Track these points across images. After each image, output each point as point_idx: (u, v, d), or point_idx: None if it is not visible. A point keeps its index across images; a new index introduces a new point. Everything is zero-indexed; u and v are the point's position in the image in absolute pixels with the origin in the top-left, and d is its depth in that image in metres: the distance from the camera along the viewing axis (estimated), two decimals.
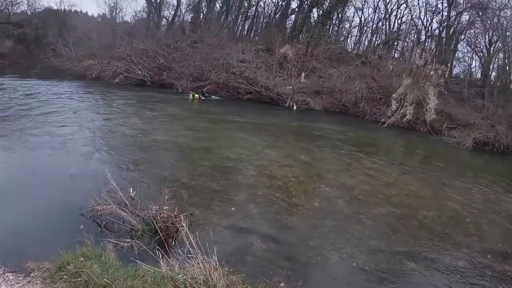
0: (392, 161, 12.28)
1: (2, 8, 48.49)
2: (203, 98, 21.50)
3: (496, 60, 29.91)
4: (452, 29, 32.58)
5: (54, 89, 19.68)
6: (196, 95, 21.50)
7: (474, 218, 7.82)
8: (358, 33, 39.92)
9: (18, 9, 51.23)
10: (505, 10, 29.25)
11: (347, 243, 5.98)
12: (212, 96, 22.31)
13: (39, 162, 8.09)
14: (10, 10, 50.59)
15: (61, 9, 55.40)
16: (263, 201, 7.05)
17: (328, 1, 36.21)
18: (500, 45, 28.73)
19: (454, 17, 32.67)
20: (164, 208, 5.34)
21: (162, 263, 3.78)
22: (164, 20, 43.04)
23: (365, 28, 39.24)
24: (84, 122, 12.12)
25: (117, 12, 43.20)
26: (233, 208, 6.52)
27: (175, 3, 41.43)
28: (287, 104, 22.72)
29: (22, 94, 17.51)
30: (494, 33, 29.12)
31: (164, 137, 11.21)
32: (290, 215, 6.67)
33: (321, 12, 37.04)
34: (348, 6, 37.73)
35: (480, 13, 30.14)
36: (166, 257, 3.99)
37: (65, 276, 3.65)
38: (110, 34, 34.63)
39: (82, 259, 3.97)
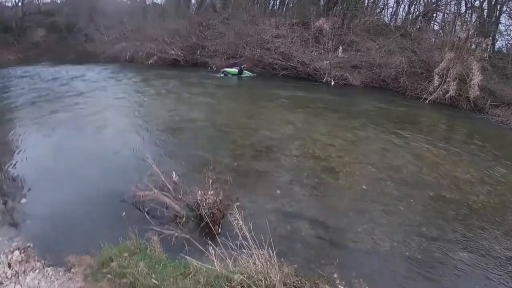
0: (437, 141, 11.50)
1: None
2: (238, 75, 21.09)
3: None
4: (494, 1, 30.16)
5: (89, 73, 19.95)
6: (229, 70, 21.14)
7: None
8: (395, 4, 37.78)
9: None
10: None
11: (398, 229, 5.52)
12: (247, 73, 21.80)
13: (78, 146, 8.10)
14: (39, 0, 51.96)
15: None
16: (308, 183, 6.60)
17: None
18: None
19: None
20: (209, 192, 5.03)
21: (214, 260, 3.40)
22: None
23: None
24: (120, 105, 12.18)
25: None
26: (278, 191, 6.13)
27: None
28: (325, 79, 21.84)
29: (59, 80, 17.88)
30: None
31: (201, 117, 10.96)
32: (338, 199, 6.21)
33: None
34: None
35: None
36: (216, 249, 3.63)
37: (109, 275, 3.37)
38: (141, 16, 34.65)
39: (126, 254, 3.68)
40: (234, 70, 21.29)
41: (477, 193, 7.20)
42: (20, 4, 47.77)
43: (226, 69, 21.57)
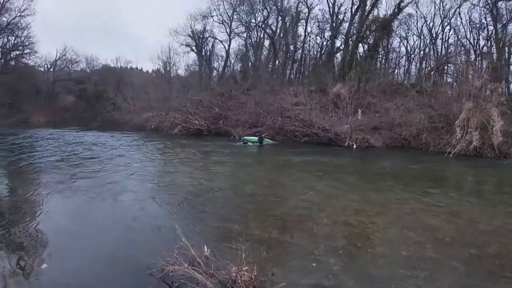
0: (469, 195, 11.39)
1: (63, 66, 54.08)
2: (259, 143, 21.48)
3: None
4: (501, 43, 30.82)
5: (115, 140, 20.83)
6: (249, 138, 21.62)
7: None
8: (407, 62, 39.20)
9: (78, 67, 57.24)
10: None
11: None
12: (268, 141, 22.23)
13: (101, 212, 8.16)
14: (70, 68, 56.28)
15: (118, 66, 60.80)
16: (344, 253, 6.36)
17: (373, 35, 36.05)
18: None
19: (500, 29, 31.03)
20: (243, 268, 4.91)
21: None
22: (215, 71, 45.13)
23: (412, 56, 38.42)
24: (146, 173, 12.48)
25: (170, 66, 45.89)
26: (314, 264, 5.91)
27: (224, 54, 43.52)
28: (346, 143, 22.02)
29: (86, 144, 18.66)
30: None
31: (225, 186, 10.98)
32: (377, 268, 5.91)
33: (366, 47, 36.91)
34: (392, 36, 37.37)
35: None
36: None
37: None
38: (166, 87, 36.73)
39: None
40: (254, 138, 21.76)
41: None
42: (51, 69, 51.83)
43: (246, 137, 22.08)
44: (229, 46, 42.69)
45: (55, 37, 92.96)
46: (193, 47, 43.50)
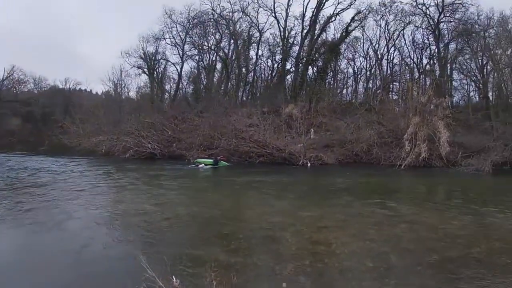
0: (424, 203, 12.15)
1: (9, 86, 50.79)
2: (213, 165, 21.15)
3: (493, 79, 30.48)
4: (443, 61, 33.49)
5: (63, 165, 19.72)
6: (202, 160, 21.31)
7: None
8: (354, 82, 41.43)
9: (25, 88, 53.75)
10: (489, 31, 30.30)
11: None
12: (222, 163, 21.98)
13: (49, 243, 7.53)
14: (17, 88, 52.82)
15: (67, 88, 58.25)
16: (313, 270, 6.34)
17: (321, 57, 37.65)
18: (491, 64, 29.33)
19: (442, 48, 33.79)
20: None
21: None
22: (167, 93, 44.53)
23: (359, 76, 40.64)
24: (96, 200, 11.64)
25: (121, 88, 44.63)
26: (284, 284, 5.84)
27: (176, 76, 43.20)
28: (301, 162, 22.45)
29: (31, 170, 17.44)
30: (484, 54, 29.86)
31: (185, 212, 10.57)
32: (347, 281, 5.93)
33: (315, 68, 38.48)
34: (340, 58, 39.35)
35: (466, 39, 31.13)
36: None
37: None
38: (117, 110, 35.54)
39: None
40: (209, 160, 21.47)
41: (478, 244, 7.51)
42: None
43: (198, 160, 21.72)
44: (181, 68, 42.47)
45: (2, 57, 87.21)
46: (145, 69, 42.68)
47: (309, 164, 22.34)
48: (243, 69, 41.34)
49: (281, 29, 38.29)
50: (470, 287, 5.61)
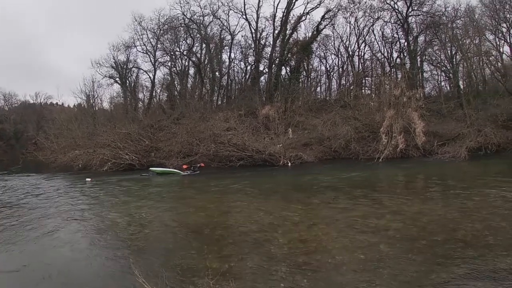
0: (405, 193, 12.65)
1: None
2: (195, 172, 20.84)
3: (462, 68, 31.67)
4: (413, 54, 34.55)
5: (38, 183, 19.02)
6: (155, 169, 20.93)
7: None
8: (327, 80, 42.03)
9: None
10: (457, 21, 31.56)
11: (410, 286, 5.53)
12: (199, 165, 21.58)
13: (28, 261, 7.15)
14: None
15: (38, 103, 56.33)
16: (307, 268, 6.41)
17: (294, 57, 38.06)
18: (460, 54, 30.48)
19: (412, 41, 34.84)
20: None
21: None
22: (141, 102, 43.88)
23: (332, 73, 41.33)
24: (79, 216, 11.16)
25: (94, 99, 43.66)
26: (282, 284, 5.89)
27: (149, 84, 42.67)
28: (281, 162, 22.60)
29: (5, 190, 16.79)
30: (452, 45, 31.01)
31: (172, 221, 10.40)
32: (342, 275, 6.06)
33: (289, 68, 38.88)
34: (312, 57, 39.86)
35: (435, 31, 32.23)
36: None
37: None
38: (91, 123, 34.72)
39: None
40: (173, 170, 21.03)
41: (462, 227, 7.98)
42: None
43: (153, 168, 21.21)
44: (154, 75, 41.87)
45: None
46: (117, 79, 41.88)
47: (289, 164, 22.53)
48: (217, 73, 41.25)
49: (253, 31, 38.47)
50: (460, 267, 5.87)
